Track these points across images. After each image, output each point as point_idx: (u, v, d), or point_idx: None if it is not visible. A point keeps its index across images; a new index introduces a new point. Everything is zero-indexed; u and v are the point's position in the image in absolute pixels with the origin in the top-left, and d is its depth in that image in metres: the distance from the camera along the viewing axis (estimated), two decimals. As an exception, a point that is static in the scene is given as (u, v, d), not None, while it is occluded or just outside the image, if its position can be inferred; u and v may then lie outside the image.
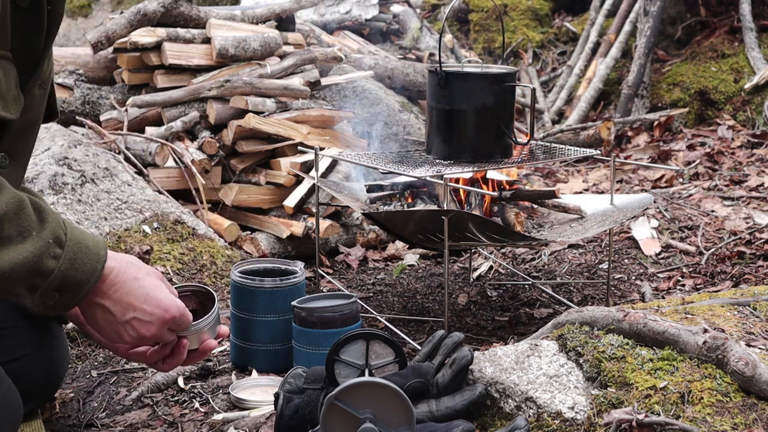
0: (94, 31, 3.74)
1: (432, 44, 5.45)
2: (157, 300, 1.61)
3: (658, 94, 5.30)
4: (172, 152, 3.39)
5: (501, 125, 2.56)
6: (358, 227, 3.53)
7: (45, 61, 1.69)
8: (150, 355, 1.77)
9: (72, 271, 1.51)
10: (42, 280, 1.48)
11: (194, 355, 1.80)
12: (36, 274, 1.46)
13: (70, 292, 1.53)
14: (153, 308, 1.61)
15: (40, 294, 1.49)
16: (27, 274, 1.45)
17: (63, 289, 1.51)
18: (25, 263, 1.44)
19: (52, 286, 1.50)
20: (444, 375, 1.68)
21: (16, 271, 1.44)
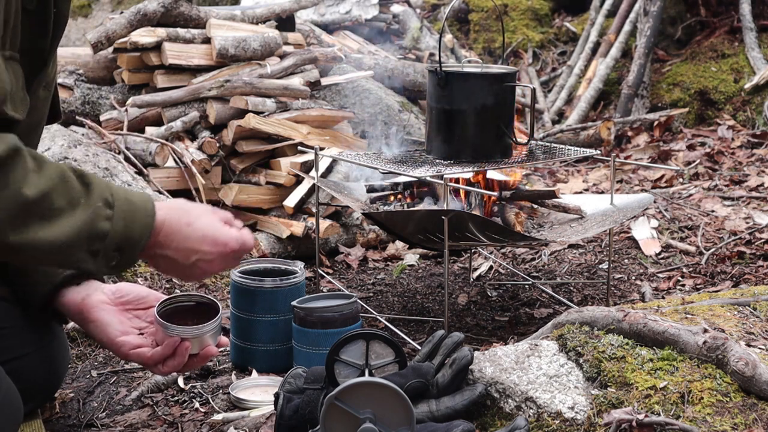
0: (94, 31, 3.73)
1: (432, 44, 5.45)
2: (214, 239, 1.65)
3: (658, 94, 5.30)
4: (172, 152, 3.39)
5: (501, 125, 2.56)
6: (358, 227, 3.53)
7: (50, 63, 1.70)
8: (151, 356, 1.78)
9: (126, 230, 1.54)
10: (100, 243, 1.51)
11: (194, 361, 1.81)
12: (93, 238, 1.50)
13: (128, 250, 1.56)
14: (212, 247, 1.65)
15: (101, 257, 1.52)
16: (85, 240, 1.49)
17: (121, 248, 1.55)
18: (81, 230, 1.48)
19: (111, 247, 1.53)
20: (444, 375, 1.68)
21: (73, 240, 1.47)
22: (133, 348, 1.80)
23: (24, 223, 1.42)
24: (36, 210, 1.43)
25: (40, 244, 1.44)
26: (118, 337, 1.81)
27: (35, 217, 1.43)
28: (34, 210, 1.43)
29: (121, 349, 1.81)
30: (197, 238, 1.64)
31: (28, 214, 1.43)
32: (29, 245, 1.43)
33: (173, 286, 2.76)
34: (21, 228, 1.42)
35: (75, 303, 1.83)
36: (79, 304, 1.83)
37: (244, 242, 1.69)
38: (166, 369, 1.79)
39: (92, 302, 1.83)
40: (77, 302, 1.83)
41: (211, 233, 1.65)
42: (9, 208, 1.41)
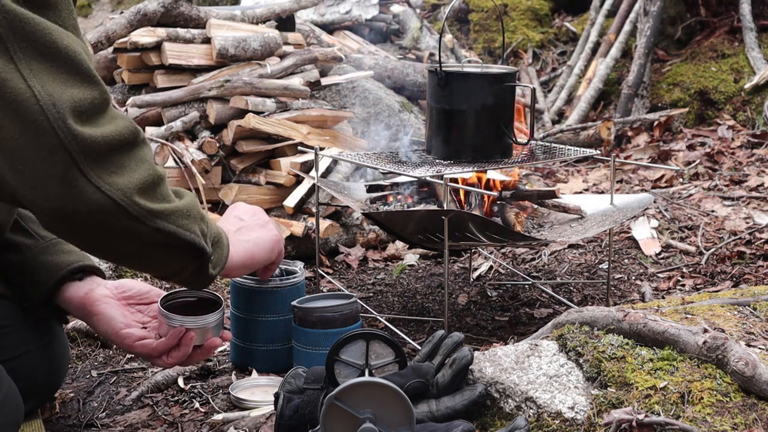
0: (94, 31, 3.73)
1: (432, 44, 5.45)
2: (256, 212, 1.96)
3: (658, 94, 5.30)
4: (172, 152, 3.39)
5: (501, 125, 2.56)
6: (358, 227, 3.53)
7: None
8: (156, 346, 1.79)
9: (213, 224, 1.70)
10: (206, 225, 1.64)
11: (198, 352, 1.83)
12: (200, 217, 1.63)
13: (220, 244, 1.71)
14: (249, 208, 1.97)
15: (209, 240, 1.65)
16: (197, 215, 1.61)
17: (215, 241, 1.69)
18: (193, 205, 1.61)
19: (212, 234, 1.67)
20: (444, 375, 1.68)
21: (191, 210, 1.60)
22: (138, 340, 1.80)
23: (156, 195, 1.54)
24: (161, 187, 1.56)
25: (173, 210, 1.55)
26: (122, 330, 1.81)
27: (160, 193, 1.55)
28: (161, 187, 1.56)
29: (126, 341, 1.81)
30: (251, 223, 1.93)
31: (158, 188, 1.55)
32: (165, 211, 1.54)
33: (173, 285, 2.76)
34: (155, 198, 1.53)
35: (78, 297, 1.84)
36: (82, 298, 1.84)
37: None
38: (170, 360, 1.80)
39: (95, 296, 1.84)
40: (80, 296, 1.84)
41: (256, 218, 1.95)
42: (148, 179, 1.52)
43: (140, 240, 1.53)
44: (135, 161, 1.51)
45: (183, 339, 1.79)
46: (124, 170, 1.49)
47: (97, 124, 1.46)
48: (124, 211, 1.48)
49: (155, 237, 1.53)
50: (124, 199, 1.48)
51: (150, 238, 1.53)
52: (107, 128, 1.47)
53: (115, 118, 1.50)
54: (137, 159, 1.52)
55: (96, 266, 1.91)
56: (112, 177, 1.47)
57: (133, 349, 1.82)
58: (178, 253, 1.59)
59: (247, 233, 1.86)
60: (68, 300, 1.86)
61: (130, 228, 1.50)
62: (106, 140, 1.46)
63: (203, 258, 1.63)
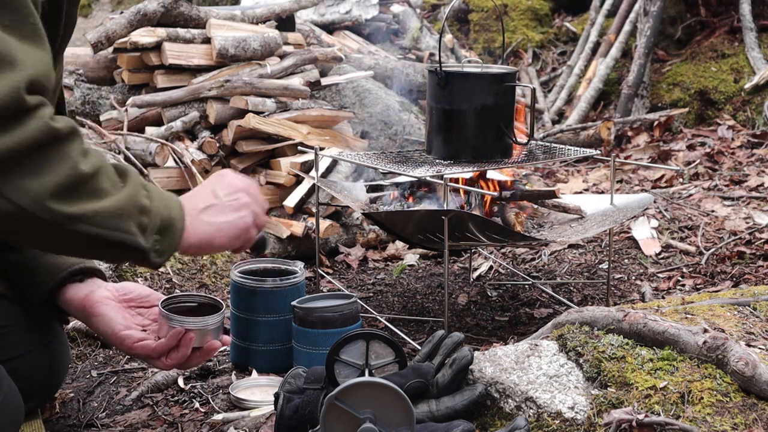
0: (94, 31, 3.73)
1: (432, 44, 5.45)
2: (230, 184, 1.74)
3: (658, 94, 5.30)
4: (172, 152, 3.39)
5: (501, 125, 2.56)
6: (358, 227, 3.53)
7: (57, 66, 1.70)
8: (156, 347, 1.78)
9: (164, 209, 1.58)
10: (146, 217, 1.54)
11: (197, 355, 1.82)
12: (140, 210, 1.52)
13: (169, 231, 1.59)
14: (233, 181, 1.74)
15: (149, 233, 1.54)
16: (134, 210, 1.51)
17: (163, 229, 1.57)
18: (128, 201, 1.51)
19: (156, 225, 1.56)
20: (444, 375, 1.68)
21: (125, 207, 1.50)
22: (137, 341, 1.80)
23: (78, 196, 1.46)
24: (88, 186, 1.47)
25: (98, 212, 1.47)
26: (122, 331, 1.81)
27: (86, 192, 1.47)
28: (87, 185, 1.47)
29: (125, 342, 1.81)
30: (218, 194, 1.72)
31: (82, 188, 1.46)
32: (87, 214, 1.46)
33: (173, 286, 2.76)
34: (75, 200, 1.45)
35: (78, 299, 1.84)
36: (82, 300, 1.84)
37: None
38: (169, 362, 1.80)
39: (96, 297, 1.84)
40: (81, 298, 1.84)
41: (226, 182, 1.74)
42: (67, 179, 1.44)
43: (64, 241, 1.49)
44: (52, 161, 1.44)
45: (182, 340, 1.78)
46: (37, 172, 1.42)
47: (3, 130, 1.39)
48: (33, 217, 1.42)
49: (78, 239, 1.47)
50: (32, 205, 1.41)
51: (73, 241, 1.48)
52: (15, 134, 1.40)
53: (26, 118, 1.42)
54: (55, 159, 1.44)
55: (97, 268, 1.91)
56: (23, 181, 1.40)
57: (133, 351, 1.82)
58: (109, 250, 1.53)
59: (214, 214, 1.70)
60: (69, 301, 1.86)
61: (50, 232, 1.45)
62: (11, 147, 1.39)
63: (140, 252, 1.55)
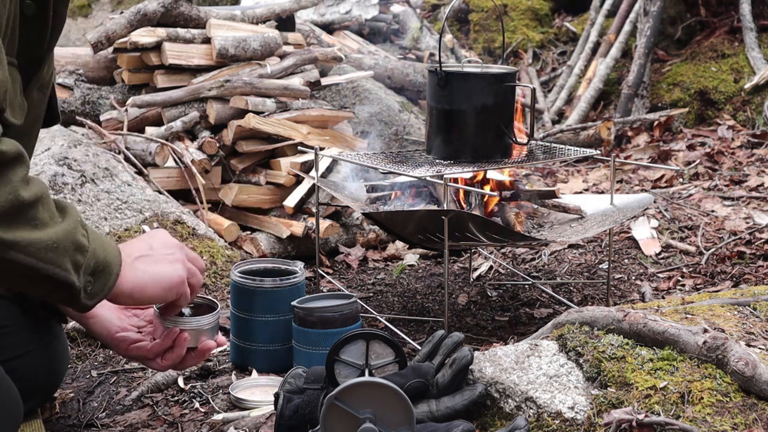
0: (94, 31, 3.73)
1: (432, 44, 5.45)
2: (165, 241, 1.75)
3: (658, 94, 5.30)
4: (172, 152, 3.39)
5: (501, 125, 2.56)
6: (358, 227, 3.53)
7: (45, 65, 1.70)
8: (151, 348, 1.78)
9: (101, 251, 1.57)
10: (82, 256, 1.52)
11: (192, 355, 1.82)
12: (76, 247, 1.50)
13: (104, 274, 1.57)
14: (168, 240, 1.76)
15: (83, 273, 1.52)
16: (70, 246, 1.49)
17: (97, 271, 1.56)
18: (66, 236, 1.49)
19: (90, 266, 1.54)
20: (444, 375, 1.68)
21: (61, 240, 1.48)
22: (133, 343, 1.80)
23: (15, 223, 1.43)
24: (26, 214, 1.45)
25: (32, 242, 1.44)
26: (117, 333, 1.81)
27: (24, 220, 1.44)
28: (25, 213, 1.44)
29: (121, 345, 1.81)
30: (153, 248, 1.73)
31: (20, 215, 1.44)
32: (22, 242, 1.43)
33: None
34: (12, 227, 1.43)
35: None
36: None
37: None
38: (165, 363, 1.80)
39: None
40: None
41: (162, 241, 1.75)
42: (4, 205, 1.41)
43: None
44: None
45: (177, 340, 1.78)
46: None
47: None
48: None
49: (10, 268, 1.44)
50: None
51: (4, 268, 1.44)
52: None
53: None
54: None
55: None
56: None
57: (129, 353, 1.82)
58: (40, 285, 1.50)
59: (148, 264, 1.69)
60: None
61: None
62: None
63: (70, 290, 1.52)
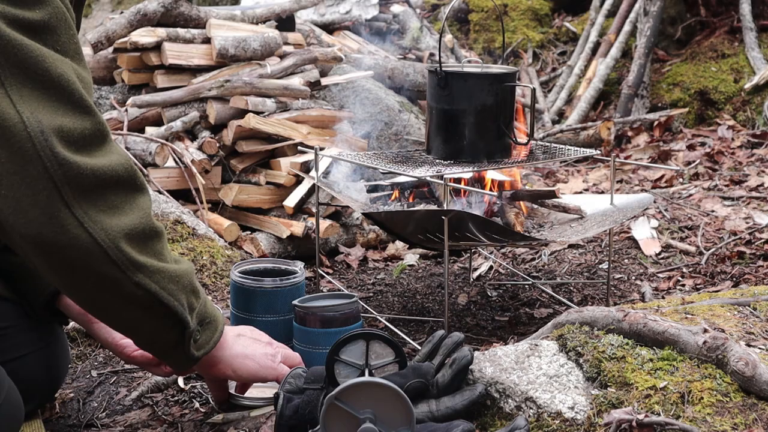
0: (94, 31, 3.74)
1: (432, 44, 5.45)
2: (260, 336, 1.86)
3: (658, 94, 5.30)
4: (172, 152, 3.39)
5: (501, 125, 2.56)
6: (358, 227, 3.53)
7: None
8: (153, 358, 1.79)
9: (210, 304, 1.61)
10: (196, 300, 1.55)
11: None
12: (192, 290, 1.54)
13: (211, 326, 1.62)
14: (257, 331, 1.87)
15: (196, 316, 1.55)
16: (188, 286, 1.53)
17: (205, 322, 1.60)
18: (186, 275, 1.53)
19: (202, 312, 1.58)
20: (444, 375, 1.68)
21: (182, 278, 1.51)
22: (136, 350, 1.81)
23: (145, 248, 1.44)
24: (154, 243, 1.47)
25: (159, 269, 1.46)
26: (121, 339, 1.82)
27: (152, 248, 1.46)
28: (153, 242, 1.46)
29: (124, 351, 1.83)
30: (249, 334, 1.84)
31: (149, 242, 1.45)
32: (151, 267, 1.44)
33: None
34: (142, 251, 1.44)
35: None
36: None
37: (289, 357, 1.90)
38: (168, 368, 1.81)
39: None
40: None
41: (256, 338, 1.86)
42: (138, 227, 1.43)
43: (116, 291, 1.44)
44: (129, 205, 1.43)
45: None
46: (114, 211, 1.41)
47: (89, 154, 1.40)
48: (104, 254, 1.39)
49: (133, 291, 1.44)
50: (106, 241, 1.39)
51: (127, 292, 1.44)
52: (99, 160, 1.40)
53: (111, 152, 1.43)
54: (132, 203, 1.43)
55: None
56: (99, 215, 1.39)
57: (132, 360, 1.84)
58: (155, 318, 1.49)
59: (247, 342, 1.77)
60: (69, 306, 1.86)
61: (108, 274, 1.41)
62: (95, 173, 1.39)
63: (184, 332, 1.53)
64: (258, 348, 1.77)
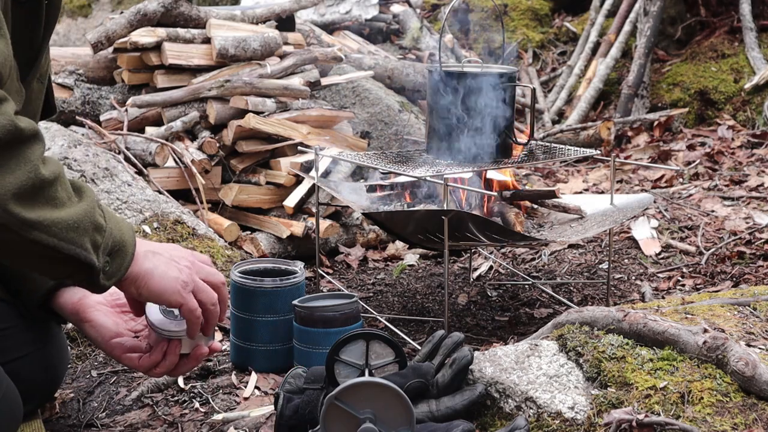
0: (94, 31, 3.74)
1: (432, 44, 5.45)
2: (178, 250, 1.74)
3: (658, 94, 5.30)
4: (172, 152, 3.39)
5: (501, 125, 2.56)
6: (358, 227, 3.53)
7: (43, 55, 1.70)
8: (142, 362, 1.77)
9: (117, 231, 1.56)
10: (100, 236, 1.51)
11: (186, 361, 1.80)
12: (95, 227, 1.50)
13: (120, 254, 1.57)
14: (183, 252, 1.73)
15: (101, 252, 1.52)
16: (89, 226, 1.49)
17: (114, 251, 1.55)
18: (85, 215, 1.48)
19: (108, 246, 1.53)
20: (444, 375, 1.68)
21: (81, 220, 1.47)
22: (126, 351, 1.79)
23: (37, 202, 1.41)
24: (46, 193, 1.43)
25: (54, 221, 1.42)
26: (112, 339, 1.80)
27: (44, 199, 1.42)
28: (45, 192, 1.43)
29: (114, 351, 1.81)
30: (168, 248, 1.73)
31: (40, 194, 1.42)
32: (44, 222, 1.41)
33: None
34: (34, 205, 1.41)
35: (71, 303, 1.83)
36: (75, 304, 1.83)
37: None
38: (159, 371, 1.79)
39: (88, 302, 1.83)
40: (73, 302, 1.83)
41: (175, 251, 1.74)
42: (26, 183, 1.39)
43: (15, 249, 1.42)
44: (14, 162, 1.38)
45: (168, 350, 1.77)
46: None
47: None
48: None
49: (32, 248, 1.42)
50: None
51: (26, 249, 1.42)
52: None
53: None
54: (16, 160, 1.39)
55: None
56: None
57: (121, 360, 1.81)
58: (60, 265, 1.48)
59: (158, 260, 1.68)
60: (62, 306, 1.85)
61: (3, 237, 1.39)
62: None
63: (90, 271, 1.51)
64: (170, 270, 1.67)
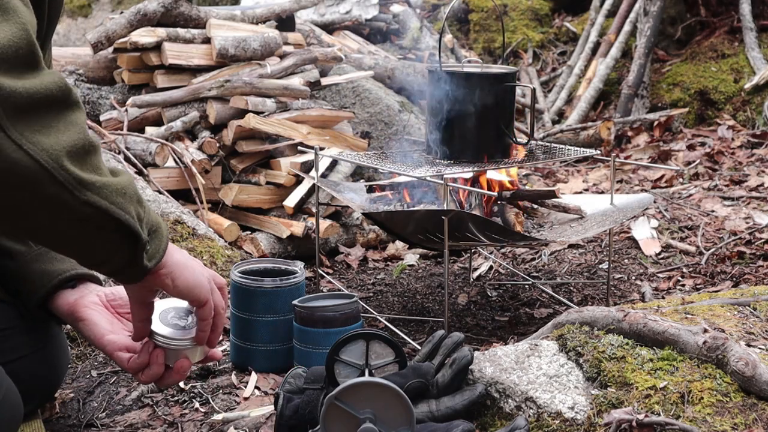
0: (94, 31, 3.74)
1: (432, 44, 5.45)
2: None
3: (658, 94, 5.30)
4: (172, 152, 3.39)
5: (501, 125, 2.56)
6: (358, 227, 3.53)
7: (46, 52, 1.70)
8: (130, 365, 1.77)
9: (153, 213, 1.51)
10: (142, 209, 1.46)
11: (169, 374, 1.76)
12: (137, 199, 1.45)
13: (157, 234, 1.52)
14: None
15: (145, 226, 1.47)
16: (134, 195, 1.44)
17: (152, 231, 1.50)
18: (130, 184, 1.44)
19: (150, 221, 1.49)
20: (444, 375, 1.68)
21: (127, 188, 1.42)
22: (119, 349, 1.78)
23: (86, 164, 1.36)
24: (93, 159, 1.38)
25: (105, 184, 1.37)
26: (105, 336, 1.79)
27: (91, 165, 1.38)
28: (92, 157, 1.38)
29: (107, 348, 1.79)
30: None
31: (88, 158, 1.37)
32: (97, 183, 1.36)
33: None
34: (84, 167, 1.36)
35: (67, 304, 1.83)
36: (71, 305, 1.83)
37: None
38: (144, 378, 1.75)
39: (84, 302, 1.83)
40: (69, 303, 1.83)
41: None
42: (78, 143, 1.35)
43: (66, 213, 1.35)
44: (65, 123, 1.35)
45: (152, 357, 1.73)
46: (50, 130, 1.32)
47: (20, 76, 1.31)
48: (49, 175, 1.30)
49: (84, 211, 1.35)
50: (49, 162, 1.30)
51: (77, 213, 1.35)
52: (32, 81, 1.32)
53: (42, 72, 1.34)
54: (67, 121, 1.35)
55: (90, 273, 1.89)
56: (36, 135, 1.30)
57: (113, 358, 1.80)
58: (108, 235, 1.41)
59: (185, 256, 1.66)
60: (59, 306, 1.84)
61: (55, 197, 1.32)
62: (29, 93, 1.30)
63: (138, 245, 1.45)
64: (197, 264, 1.66)
